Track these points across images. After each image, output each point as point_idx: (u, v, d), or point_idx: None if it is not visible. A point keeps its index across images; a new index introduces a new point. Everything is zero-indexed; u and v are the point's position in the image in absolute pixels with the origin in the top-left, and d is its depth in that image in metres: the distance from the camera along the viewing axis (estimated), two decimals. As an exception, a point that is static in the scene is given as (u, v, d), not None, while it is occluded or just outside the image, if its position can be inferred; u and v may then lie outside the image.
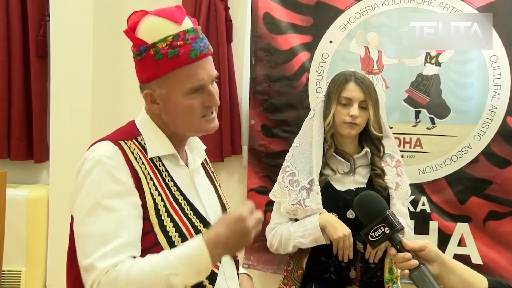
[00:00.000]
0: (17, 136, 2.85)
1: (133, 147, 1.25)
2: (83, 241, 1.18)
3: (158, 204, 1.21)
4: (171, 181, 1.27)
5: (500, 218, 2.55)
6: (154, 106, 1.28)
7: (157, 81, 1.24)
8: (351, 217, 1.85)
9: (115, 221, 1.16)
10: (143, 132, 1.30)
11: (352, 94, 1.89)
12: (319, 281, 1.88)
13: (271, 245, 1.99)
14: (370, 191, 1.41)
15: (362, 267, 1.85)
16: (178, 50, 1.20)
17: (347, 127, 1.89)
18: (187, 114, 1.27)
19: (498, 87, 2.53)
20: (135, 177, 1.20)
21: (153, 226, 1.20)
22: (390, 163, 1.95)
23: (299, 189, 1.89)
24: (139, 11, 1.27)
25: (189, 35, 1.22)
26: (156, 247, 1.19)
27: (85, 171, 1.21)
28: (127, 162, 1.21)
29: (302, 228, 1.87)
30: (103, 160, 1.20)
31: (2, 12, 2.78)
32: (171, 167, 1.30)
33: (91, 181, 1.19)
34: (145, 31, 1.23)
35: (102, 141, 1.26)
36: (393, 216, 1.25)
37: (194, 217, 1.27)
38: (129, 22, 1.26)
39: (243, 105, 2.81)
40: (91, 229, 1.16)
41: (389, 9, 2.62)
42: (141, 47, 1.22)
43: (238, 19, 2.79)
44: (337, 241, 1.79)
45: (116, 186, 1.18)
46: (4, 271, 2.61)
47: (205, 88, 1.26)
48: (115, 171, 1.19)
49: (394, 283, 1.90)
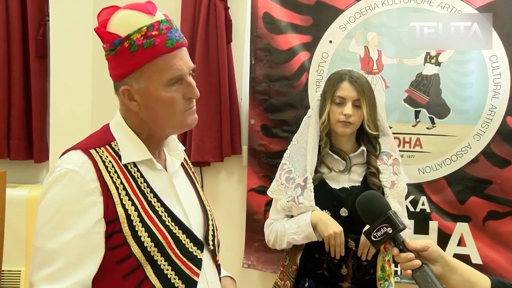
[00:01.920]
0: (17, 136, 2.84)
1: (106, 154, 1.20)
2: (33, 255, 1.16)
3: (131, 214, 1.16)
4: (147, 188, 1.22)
5: (500, 218, 2.55)
6: (132, 103, 1.22)
7: (135, 75, 1.19)
8: (344, 215, 1.87)
9: (68, 242, 1.12)
10: (116, 137, 1.25)
11: (346, 93, 1.90)
12: (313, 277, 1.90)
13: (268, 240, 2.03)
14: (372, 191, 1.41)
15: (354, 264, 1.87)
16: (154, 40, 1.16)
17: (341, 126, 1.91)
18: (168, 108, 1.21)
19: (498, 87, 2.54)
20: (104, 189, 1.16)
21: (126, 238, 1.16)
22: (387, 162, 1.95)
23: (294, 186, 1.92)
24: (109, 7, 1.23)
25: (163, 25, 1.19)
26: (131, 258, 1.16)
27: (50, 182, 1.18)
28: (97, 173, 1.16)
29: (295, 225, 1.89)
30: (69, 174, 1.15)
31: (2, 12, 2.78)
32: (148, 172, 1.24)
33: (53, 194, 1.16)
34: (117, 25, 1.19)
35: (73, 150, 1.22)
36: (395, 216, 1.25)
37: (172, 224, 1.22)
38: (100, 19, 1.22)
39: (243, 105, 2.81)
40: (40, 243, 1.14)
41: (389, 9, 2.62)
42: (114, 41, 1.17)
43: (237, 19, 2.79)
44: (328, 238, 1.81)
45: (77, 203, 1.14)
46: (4, 271, 2.60)
47: (184, 79, 1.22)
48: (80, 187, 1.15)
49: (386, 281, 1.90)
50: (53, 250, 1.12)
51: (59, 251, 1.12)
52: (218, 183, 2.84)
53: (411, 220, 2.57)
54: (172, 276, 1.19)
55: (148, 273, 1.17)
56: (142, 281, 1.17)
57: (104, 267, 1.17)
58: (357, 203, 1.34)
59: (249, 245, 2.72)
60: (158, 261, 1.18)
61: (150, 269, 1.17)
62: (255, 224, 2.69)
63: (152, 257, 1.17)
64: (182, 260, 1.21)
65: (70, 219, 1.13)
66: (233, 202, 2.83)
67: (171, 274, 1.19)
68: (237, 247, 2.75)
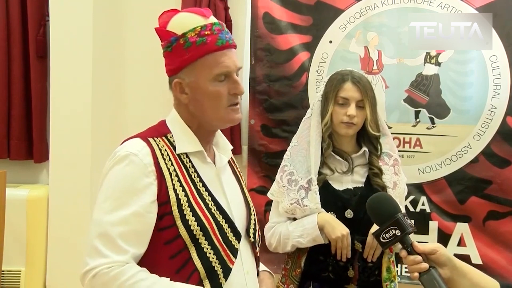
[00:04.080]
0: (17, 136, 2.85)
1: (162, 144, 1.32)
2: (91, 227, 1.24)
3: (181, 199, 1.26)
4: (197, 177, 1.32)
5: (500, 218, 2.55)
6: (182, 96, 1.33)
7: (186, 69, 1.31)
8: (350, 216, 1.85)
9: (126, 217, 1.21)
10: (172, 130, 1.36)
11: (349, 94, 1.89)
12: (317, 280, 1.88)
13: (270, 244, 1.99)
14: (383, 193, 1.41)
15: (360, 266, 1.85)
16: (206, 38, 1.29)
17: (344, 127, 1.89)
18: (214, 101, 1.32)
19: (498, 87, 2.54)
20: (159, 173, 1.26)
21: (175, 220, 1.25)
22: (388, 162, 1.95)
23: (298, 189, 1.89)
24: (169, 10, 1.36)
25: (215, 27, 1.32)
26: (178, 240, 1.25)
27: (111, 163, 1.28)
28: (154, 158, 1.27)
29: (300, 228, 1.87)
30: (129, 156, 1.26)
31: (2, 12, 2.78)
32: (198, 164, 1.35)
33: (114, 173, 1.26)
34: (175, 24, 1.32)
35: (133, 138, 1.33)
36: (404, 219, 1.24)
37: (217, 212, 1.31)
38: (161, 21, 1.35)
39: (243, 105, 2.81)
40: (100, 216, 1.23)
41: (389, 9, 2.62)
42: (171, 38, 1.30)
43: (238, 19, 2.79)
44: (335, 240, 1.80)
45: (135, 183, 1.24)
46: (3, 271, 2.60)
47: (230, 76, 1.32)
48: (139, 168, 1.25)
49: (391, 282, 1.90)
50: (112, 222, 1.21)
51: (117, 224, 1.21)
52: (218, 183, 2.84)
53: (411, 220, 2.56)
54: (214, 260, 1.28)
55: (192, 255, 1.26)
56: (186, 262, 1.26)
57: (152, 248, 1.26)
58: (367, 204, 1.33)
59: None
60: (202, 244, 1.27)
61: (194, 251, 1.26)
62: (255, 224, 2.69)
63: (197, 240, 1.26)
64: (222, 246, 1.30)
65: (129, 196, 1.23)
66: (233, 202, 2.83)
67: (212, 258, 1.28)
68: (237, 247, 2.75)
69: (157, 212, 1.25)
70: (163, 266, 1.25)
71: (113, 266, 1.18)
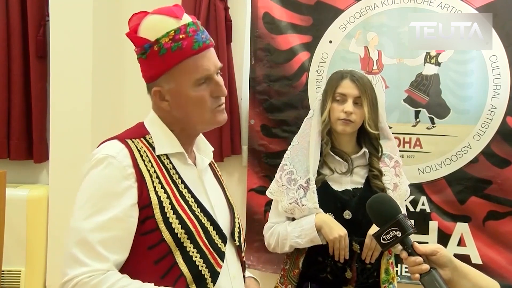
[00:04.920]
0: (17, 136, 2.85)
1: (141, 145, 1.27)
2: (69, 234, 1.20)
3: (164, 201, 1.22)
4: (179, 179, 1.29)
5: (500, 218, 2.55)
6: (163, 103, 1.29)
7: (165, 76, 1.26)
8: (348, 217, 1.85)
9: (104, 223, 1.17)
10: (151, 131, 1.32)
11: (347, 90, 1.89)
12: (316, 281, 1.88)
13: (269, 244, 1.99)
14: (383, 194, 1.41)
15: (358, 267, 1.85)
16: (181, 43, 1.23)
17: (341, 124, 1.89)
18: (198, 106, 1.28)
19: (498, 87, 2.54)
20: (139, 175, 1.22)
21: (157, 223, 1.21)
22: (389, 164, 1.94)
23: (297, 188, 1.89)
24: (139, 13, 1.29)
25: (190, 28, 1.25)
26: (162, 244, 1.21)
27: (89, 167, 1.23)
28: (133, 160, 1.23)
29: (298, 228, 1.86)
30: (107, 158, 1.21)
31: (2, 12, 2.78)
32: (179, 165, 1.31)
33: (92, 177, 1.22)
34: (146, 30, 1.25)
35: (110, 140, 1.29)
36: (405, 220, 1.24)
37: (201, 214, 1.28)
38: (130, 24, 1.29)
39: (243, 105, 2.81)
40: (77, 223, 1.18)
41: (389, 9, 2.62)
42: (145, 45, 1.25)
43: (237, 19, 2.79)
44: (333, 241, 1.79)
45: (114, 186, 1.19)
46: (3, 271, 2.60)
47: (212, 78, 1.28)
48: (117, 171, 1.21)
49: (390, 284, 1.89)
50: (90, 228, 1.16)
51: (96, 230, 1.15)
52: (218, 183, 2.84)
53: (411, 220, 2.56)
54: (200, 263, 1.23)
55: (177, 259, 1.21)
56: (172, 267, 1.21)
57: (135, 253, 1.21)
58: (368, 205, 1.33)
59: (249, 245, 2.72)
60: (187, 247, 1.22)
61: (179, 255, 1.22)
62: (255, 224, 2.69)
63: (182, 243, 1.22)
64: (209, 249, 1.26)
65: (107, 201, 1.18)
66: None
67: (199, 262, 1.23)
68: (237, 247, 2.75)
69: (139, 216, 1.20)
70: (147, 272, 1.21)
71: (94, 275, 1.13)
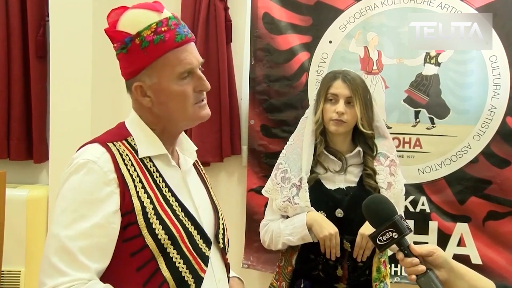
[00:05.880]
0: (17, 136, 2.85)
1: (122, 148, 1.23)
2: (48, 241, 1.16)
3: (147, 207, 1.18)
4: (162, 182, 1.25)
5: (500, 218, 2.55)
6: (145, 99, 1.26)
7: (147, 71, 1.23)
8: (340, 216, 1.86)
9: (85, 230, 1.13)
10: (133, 133, 1.28)
11: (338, 91, 1.90)
12: (308, 278, 1.89)
13: (263, 241, 2.02)
14: (380, 194, 1.41)
15: (350, 265, 1.86)
16: (163, 35, 1.20)
17: (333, 124, 1.90)
18: (180, 101, 1.25)
19: (498, 87, 2.54)
20: (121, 180, 1.18)
21: (140, 229, 1.17)
22: (383, 163, 1.94)
23: (290, 186, 1.91)
24: (117, 8, 1.27)
25: (171, 21, 1.23)
26: (144, 250, 1.18)
27: (69, 172, 1.19)
28: (115, 165, 1.19)
29: (290, 226, 1.89)
30: (88, 164, 1.17)
31: (2, 12, 2.78)
32: (162, 167, 1.28)
33: (72, 183, 1.17)
34: (127, 23, 1.23)
35: (91, 143, 1.25)
36: (401, 221, 1.24)
37: (185, 218, 1.25)
38: (109, 20, 1.26)
39: (243, 105, 2.81)
40: (57, 231, 1.13)
41: (388, 9, 2.62)
42: (125, 39, 1.21)
43: (237, 19, 2.79)
44: (323, 239, 1.81)
45: (95, 192, 1.16)
46: (3, 271, 2.60)
47: (194, 72, 1.26)
48: (99, 176, 1.16)
49: (381, 282, 1.90)
50: (71, 236, 1.11)
51: (77, 238, 1.11)
52: (218, 183, 2.84)
53: (411, 220, 2.57)
54: (184, 269, 1.21)
55: (160, 265, 1.18)
56: (154, 273, 1.18)
57: (117, 261, 1.18)
58: (364, 206, 1.32)
59: (249, 245, 2.73)
60: (170, 253, 1.19)
61: (162, 261, 1.19)
62: (255, 224, 2.68)
63: (165, 249, 1.19)
64: (192, 254, 1.23)
65: (89, 207, 1.14)
66: (233, 202, 2.83)
67: (182, 268, 1.21)
68: (237, 247, 2.75)
69: (121, 222, 1.16)
70: (130, 279, 1.18)
71: (75, 285, 1.09)
